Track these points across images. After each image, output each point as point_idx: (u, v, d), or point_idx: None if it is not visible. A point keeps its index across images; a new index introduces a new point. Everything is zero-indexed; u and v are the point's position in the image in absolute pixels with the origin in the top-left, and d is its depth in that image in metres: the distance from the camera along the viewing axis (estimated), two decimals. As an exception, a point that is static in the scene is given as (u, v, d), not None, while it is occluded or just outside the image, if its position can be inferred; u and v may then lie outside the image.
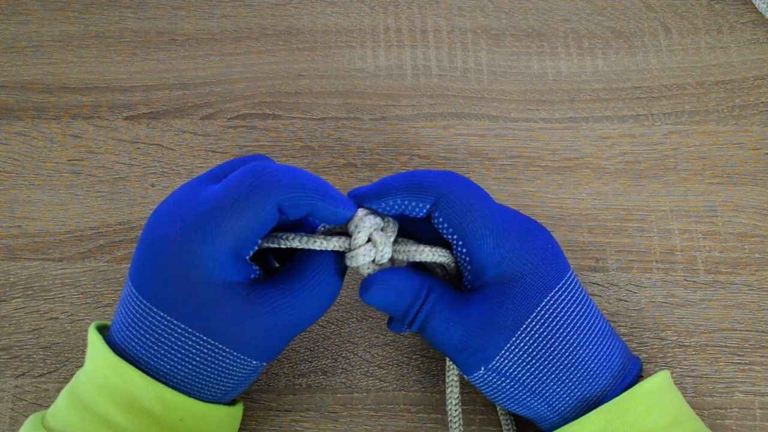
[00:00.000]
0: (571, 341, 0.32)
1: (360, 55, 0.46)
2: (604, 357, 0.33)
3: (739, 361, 0.39)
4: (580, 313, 0.33)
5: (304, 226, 0.35)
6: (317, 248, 0.32)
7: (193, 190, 0.32)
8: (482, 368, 0.33)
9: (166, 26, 0.47)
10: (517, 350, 0.32)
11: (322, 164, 0.43)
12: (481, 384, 0.33)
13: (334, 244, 0.32)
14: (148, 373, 0.31)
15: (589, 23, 0.47)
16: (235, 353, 0.31)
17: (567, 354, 0.32)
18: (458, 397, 0.35)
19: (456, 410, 0.35)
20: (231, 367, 0.31)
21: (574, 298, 0.33)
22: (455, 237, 0.33)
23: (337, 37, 0.47)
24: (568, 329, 0.32)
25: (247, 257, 0.31)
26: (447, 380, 0.35)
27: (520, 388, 0.33)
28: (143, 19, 0.47)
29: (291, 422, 0.38)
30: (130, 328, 0.31)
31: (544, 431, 0.34)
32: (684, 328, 0.39)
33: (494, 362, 0.32)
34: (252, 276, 0.32)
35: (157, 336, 0.31)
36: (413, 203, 0.32)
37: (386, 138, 0.44)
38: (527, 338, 0.32)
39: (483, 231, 0.32)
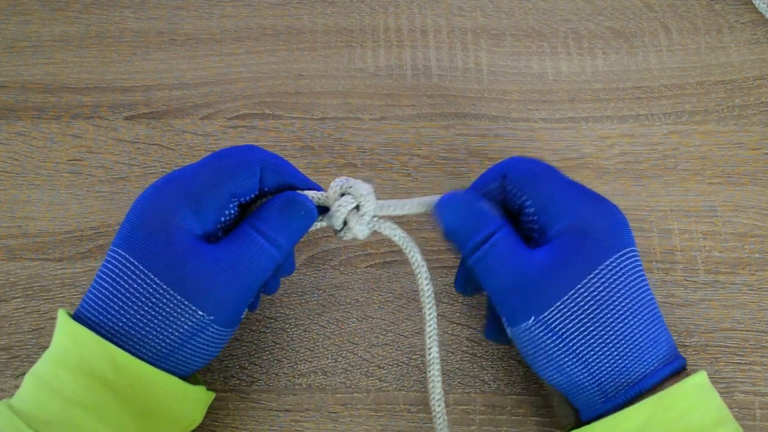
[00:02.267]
0: (626, 309, 0.32)
1: (360, 55, 0.46)
2: (654, 336, 0.32)
3: (739, 361, 0.39)
4: (638, 287, 0.32)
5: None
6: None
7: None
8: (532, 318, 0.31)
9: (166, 26, 0.47)
10: (572, 305, 0.31)
11: (322, 164, 0.43)
12: (524, 338, 0.32)
13: (318, 225, 0.35)
14: (101, 335, 0.31)
15: (589, 23, 0.47)
16: (178, 296, 0.31)
17: (620, 321, 0.31)
18: (441, 392, 0.34)
19: (440, 406, 0.34)
20: (174, 314, 0.31)
21: (634, 271, 0.32)
22: (523, 198, 0.33)
23: (337, 37, 0.47)
24: (625, 297, 0.32)
25: (223, 218, 0.33)
26: (428, 375, 0.34)
27: (565, 349, 0.32)
28: (143, 19, 0.47)
29: (291, 422, 0.38)
30: (92, 290, 0.32)
31: (583, 417, 0.33)
32: (684, 328, 0.39)
33: (546, 313, 0.31)
34: (211, 235, 0.33)
35: (113, 278, 0.31)
36: (491, 185, 0.34)
37: (386, 138, 0.44)
38: (585, 295, 0.31)
39: (551, 186, 0.33)
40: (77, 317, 0.32)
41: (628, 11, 0.47)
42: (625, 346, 0.31)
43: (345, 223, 0.34)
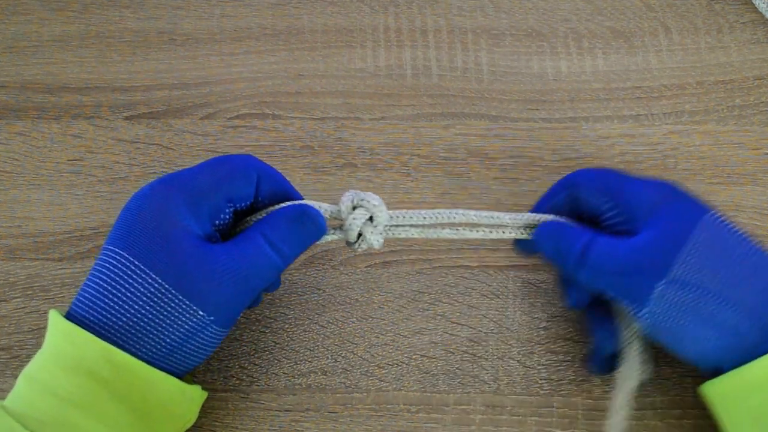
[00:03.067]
0: (748, 246, 0.32)
1: (360, 55, 0.46)
2: None
3: (740, 361, 0.39)
4: (741, 232, 0.33)
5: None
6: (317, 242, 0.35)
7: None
8: (662, 282, 0.32)
9: (166, 26, 0.47)
10: (695, 252, 0.31)
11: (322, 164, 0.43)
12: (661, 310, 0.32)
13: (329, 238, 0.35)
14: (98, 335, 0.31)
15: (589, 23, 0.47)
16: (180, 296, 0.31)
17: (749, 254, 0.32)
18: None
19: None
20: (176, 313, 0.31)
21: (731, 222, 0.33)
22: (602, 201, 0.35)
23: (337, 37, 0.47)
24: (738, 237, 0.32)
25: (217, 221, 0.34)
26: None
27: (708, 297, 0.31)
28: (143, 19, 0.47)
29: (291, 422, 0.38)
30: (85, 286, 0.32)
31: (742, 364, 0.32)
32: (684, 328, 0.39)
33: (673, 272, 0.31)
34: (210, 236, 0.33)
35: (111, 276, 0.31)
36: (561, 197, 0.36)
37: (386, 138, 0.44)
38: (704, 237, 0.32)
39: (624, 182, 0.35)
40: (71, 317, 0.32)
41: (628, 11, 0.47)
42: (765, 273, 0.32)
43: (359, 235, 0.35)
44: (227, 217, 0.34)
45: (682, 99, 0.44)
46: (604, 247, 0.34)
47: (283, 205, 0.34)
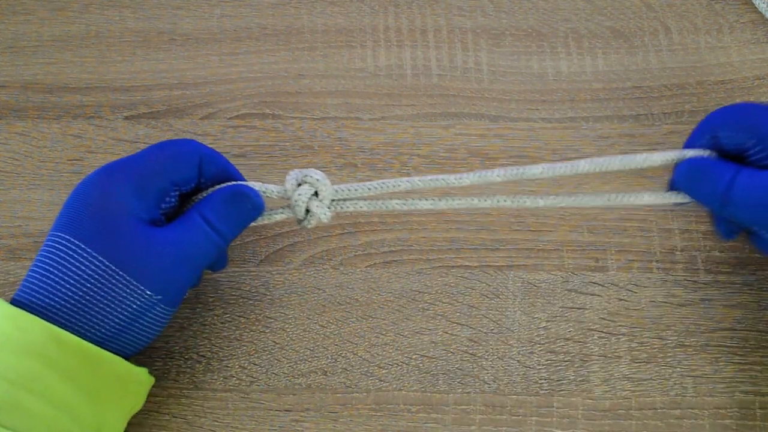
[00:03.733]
0: None
1: (360, 55, 0.46)
2: None
3: (740, 361, 0.39)
4: None
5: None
6: (264, 223, 0.37)
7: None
8: None
9: (166, 26, 0.47)
10: None
11: (322, 164, 0.43)
12: None
13: (278, 217, 0.37)
14: (47, 319, 0.31)
15: (589, 23, 0.47)
16: (126, 277, 0.32)
17: None
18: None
19: None
20: (123, 294, 0.32)
21: None
22: (745, 138, 0.34)
23: (337, 37, 0.47)
24: None
25: (164, 205, 0.35)
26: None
27: None
28: (143, 19, 0.47)
29: (291, 422, 0.38)
30: (30, 273, 0.32)
31: None
32: (684, 328, 0.39)
33: None
34: (156, 220, 0.34)
35: (54, 260, 0.32)
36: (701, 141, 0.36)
37: (386, 138, 0.44)
38: None
39: (764, 111, 0.34)
40: (16, 302, 0.32)
41: (628, 11, 0.47)
42: None
43: (307, 211, 0.36)
44: (173, 200, 0.35)
45: (682, 99, 0.44)
46: (748, 179, 0.33)
47: (220, 186, 0.36)
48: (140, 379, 0.35)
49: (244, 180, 0.37)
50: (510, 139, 0.44)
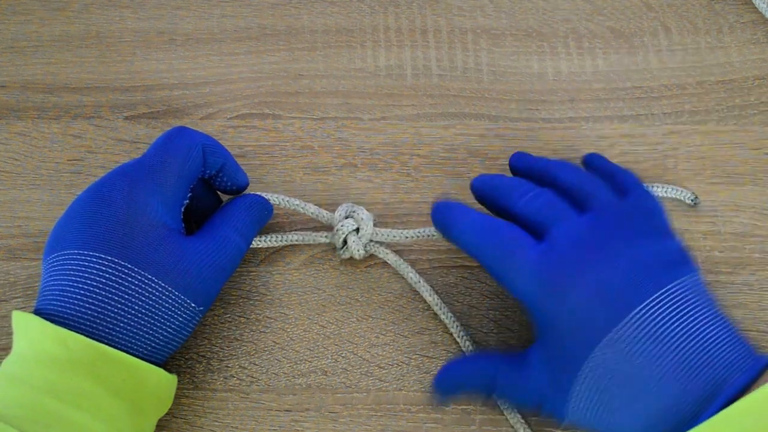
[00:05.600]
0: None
1: (360, 55, 0.46)
2: (725, 335, 0.31)
3: (739, 361, 0.39)
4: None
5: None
6: (307, 242, 0.40)
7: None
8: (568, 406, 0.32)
9: (166, 26, 0.47)
10: (602, 355, 0.31)
11: (322, 164, 0.43)
12: (585, 411, 0.32)
13: (321, 239, 0.40)
14: (93, 338, 0.32)
15: (589, 23, 0.47)
16: (175, 292, 0.33)
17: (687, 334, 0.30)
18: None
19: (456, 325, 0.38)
20: (172, 309, 0.33)
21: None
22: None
23: (337, 37, 0.47)
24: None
25: (182, 207, 0.35)
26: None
27: (628, 382, 0.30)
28: (143, 19, 0.47)
29: (291, 422, 0.38)
30: (66, 293, 0.32)
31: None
32: (684, 328, 0.39)
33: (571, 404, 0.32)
34: (181, 228, 0.35)
35: (103, 283, 0.32)
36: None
37: (386, 138, 0.44)
38: (615, 344, 0.31)
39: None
40: (58, 322, 0.32)
41: (628, 11, 0.47)
42: (697, 349, 0.30)
43: (345, 242, 0.39)
44: (187, 200, 0.36)
45: (682, 99, 0.44)
46: (506, 393, 0.34)
47: (242, 199, 0.38)
48: (172, 385, 0.35)
49: (238, 166, 0.38)
50: (510, 139, 0.44)
